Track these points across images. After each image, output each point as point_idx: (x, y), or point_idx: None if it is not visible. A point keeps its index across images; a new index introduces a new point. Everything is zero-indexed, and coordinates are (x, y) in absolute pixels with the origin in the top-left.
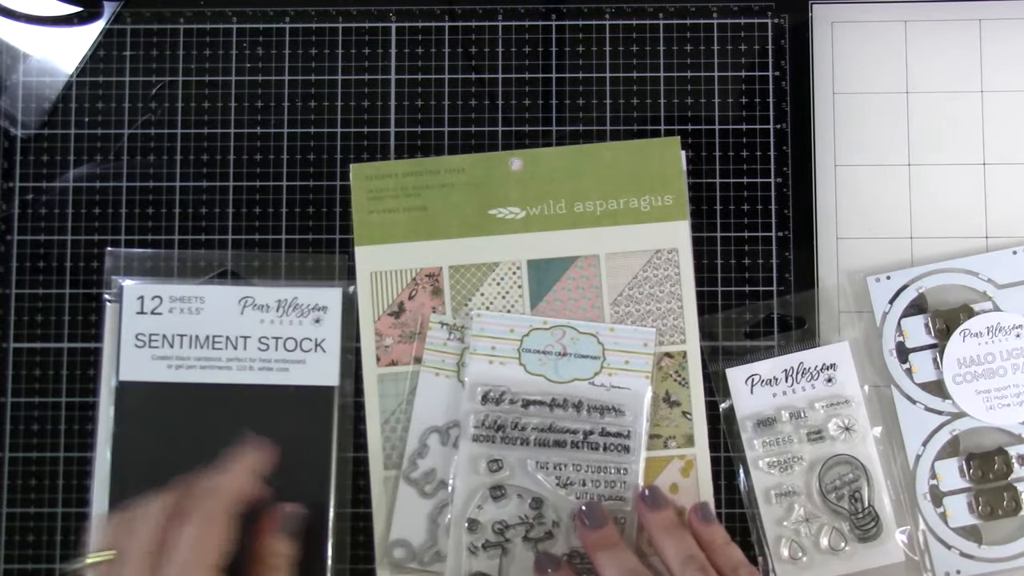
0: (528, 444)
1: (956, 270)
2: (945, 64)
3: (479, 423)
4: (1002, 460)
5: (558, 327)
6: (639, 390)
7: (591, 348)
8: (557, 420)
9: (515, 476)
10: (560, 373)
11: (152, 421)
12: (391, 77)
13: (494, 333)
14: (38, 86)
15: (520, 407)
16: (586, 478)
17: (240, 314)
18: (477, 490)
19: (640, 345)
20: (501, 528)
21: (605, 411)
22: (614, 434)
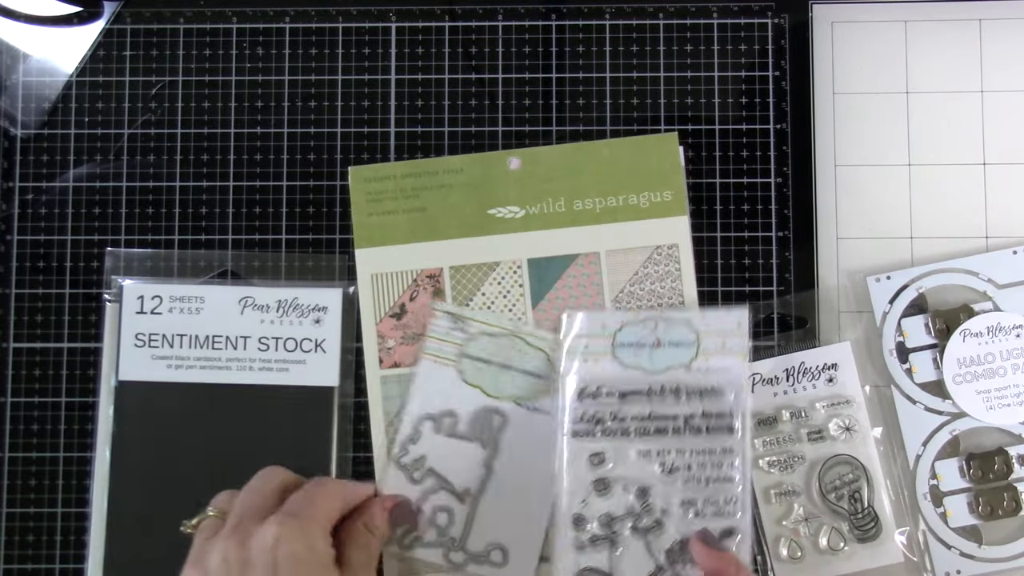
0: (629, 434)
1: (956, 270)
2: (945, 64)
3: (577, 418)
4: (1002, 460)
5: (650, 319)
6: (737, 370)
7: (684, 334)
8: (656, 407)
9: (618, 468)
10: (655, 363)
11: (152, 421)
12: (391, 77)
13: (587, 332)
14: (38, 86)
15: (617, 399)
16: (692, 462)
17: (240, 314)
18: (581, 486)
19: (734, 325)
20: (608, 521)
21: (704, 394)
22: (716, 415)
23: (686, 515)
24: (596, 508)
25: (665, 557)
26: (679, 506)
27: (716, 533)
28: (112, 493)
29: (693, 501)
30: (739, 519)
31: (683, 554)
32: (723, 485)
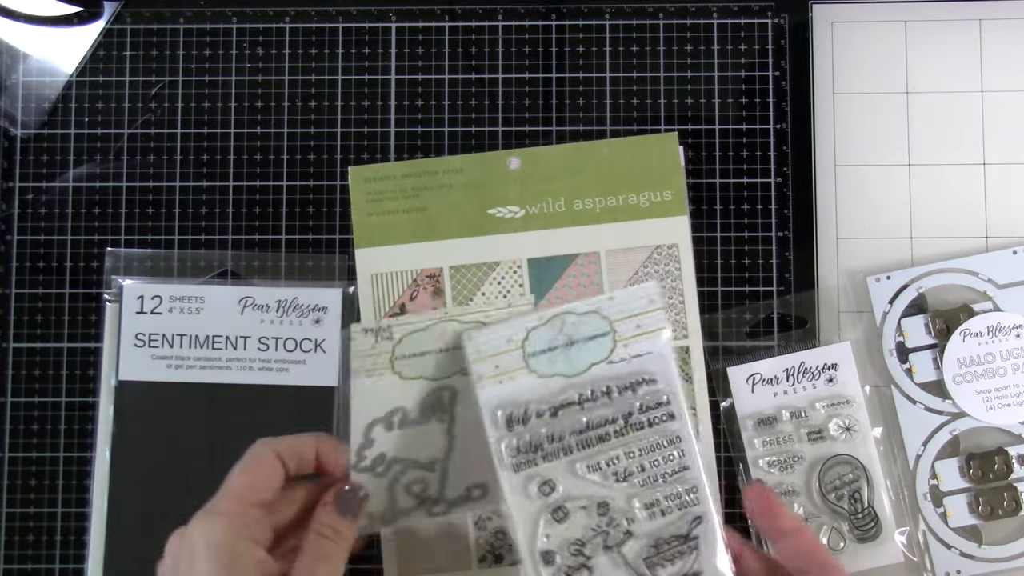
0: (571, 451)
1: (956, 270)
2: (945, 64)
3: (514, 450)
4: (1002, 460)
5: (555, 317)
6: (661, 350)
7: (597, 326)
8: (591, 415)
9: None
10: (575, 364)
11: (152, 421)
12: (391, 77)
13: (491, 350)
14: (38, 86)
15: (549, 417)
16: (643, 462)
17: (240, 314)
18: (537, 518)
19: (645, 303)
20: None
21: (636, 386)
22: (654, 405)
23: (652, 517)
24: (560, 538)
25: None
26: (643, 510)
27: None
28: (112, 493)
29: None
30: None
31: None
32: (681, 476)
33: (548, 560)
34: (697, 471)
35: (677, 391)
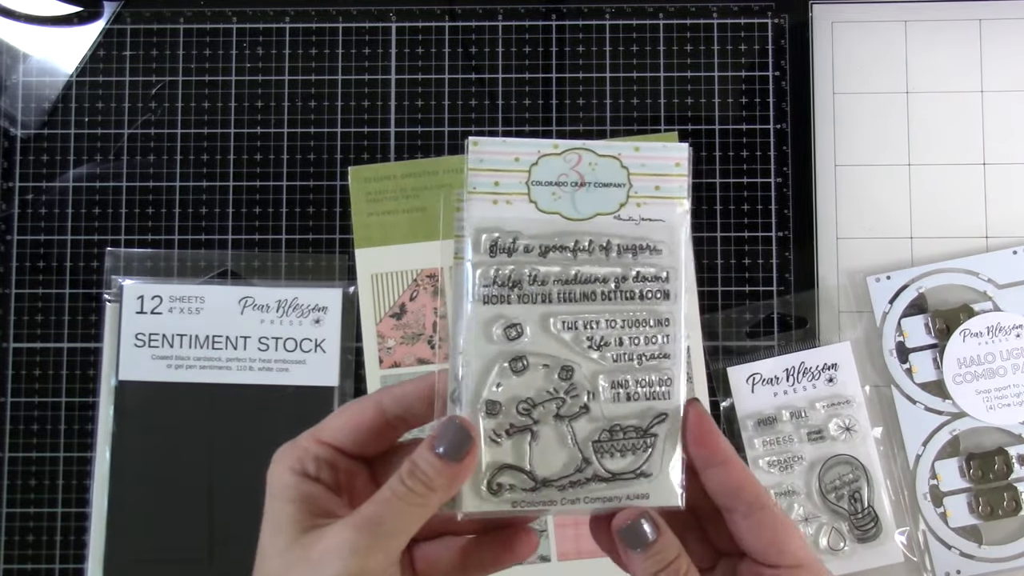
0: (551, 300)
1: (956, 270)
2: (945, 64)
3: (489, 280)
4: (1002, 460)
5: (572, 151)
6: (674, 221)
7: (613, 174)
8: (583, 267)
9: (538, 342)
10: (579, 208)
11: (152, 421)
12: (391, 77)
13: (496, 164)
14: (38, 86)
15: (537, 255)
16: (622, 335)
17: (240, 314)
18: (493, 364)
19: (671, 165)
20: (527, 408)
21: (638, 251)
22: (651, 278)
23: (615, 400)
24: (511, 392)
25: (591, 449)
26: (609, 388)
27: (649, 419)
28: (112, 493)
29: (624, 383)
30: (672, 401)
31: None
32: (658, 363)
33: (492, 411)
34: (677, 364)
35: (679, 271)
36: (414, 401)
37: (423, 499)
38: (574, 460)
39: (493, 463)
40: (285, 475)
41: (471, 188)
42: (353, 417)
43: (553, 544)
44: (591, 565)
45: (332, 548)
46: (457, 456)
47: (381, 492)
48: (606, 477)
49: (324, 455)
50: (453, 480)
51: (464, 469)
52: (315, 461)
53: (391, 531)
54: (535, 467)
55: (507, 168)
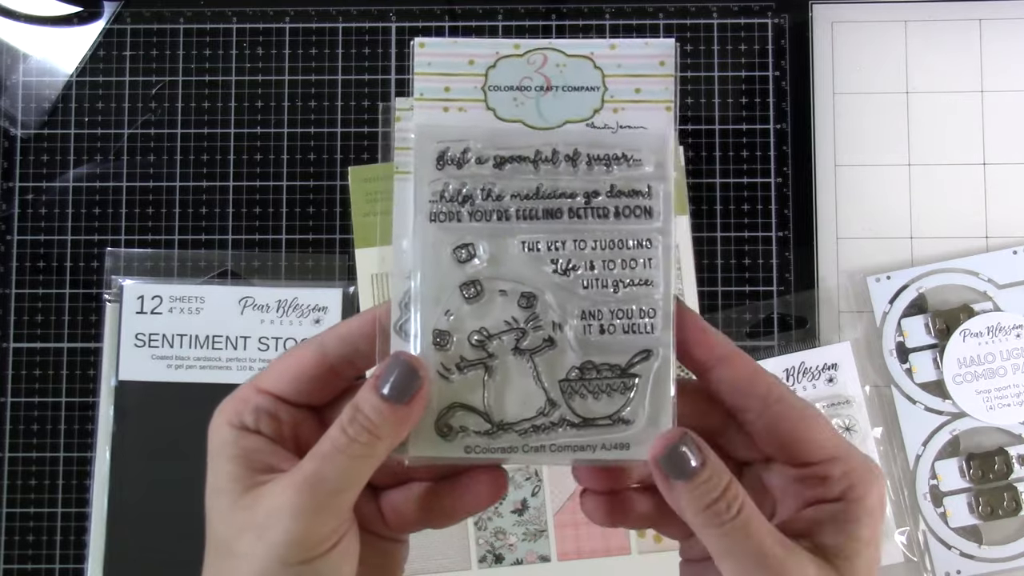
0: (508, 218)
1: (956, 270)
2: (945, 64)
3: (437, 195)
4: (1002, 460)
5: (536, 51)
6: (659, 128)
7: (585, 76)
8: (546, 180)
9: (494, 265)
10: (545, 115)
11: (152, 421)
12: (391, 77)
13: (447, 67)
14: (38, 86)
15: (492, 167)
16: (595, 259)
17: (240, 314)
18: (443, 291)
19: (655, 64)
20: (481, 340)
21: (613, 161)
22: (628, 192)
23: (587, 331)
24: (465, 322)
25: (558, 388)
26: (578, 319)
27: (628, 355)
28: (112, 493)
29: (597, 312)
30: (658, 335)
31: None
32: (638, 290)
33: (441, 343)
34: (663, 292)
35: (665, 185)
36: (359, 339)
37: (367, 448)
38: (537, 401)
39: (443, 401)
40: (223, 430)
41: (418, 95)
42: (293, 363)
43: (553, 544)
44: (591, 565)
45: (274, 510)
46: (403, 397)
47: (321, 444)
48: (575, 422)
49: (265, 405)
50: (400, 425)
51: (412, 412)
52: (254, 412)
53: (335, 487)
54: (492, 408)
55: (460, 72)
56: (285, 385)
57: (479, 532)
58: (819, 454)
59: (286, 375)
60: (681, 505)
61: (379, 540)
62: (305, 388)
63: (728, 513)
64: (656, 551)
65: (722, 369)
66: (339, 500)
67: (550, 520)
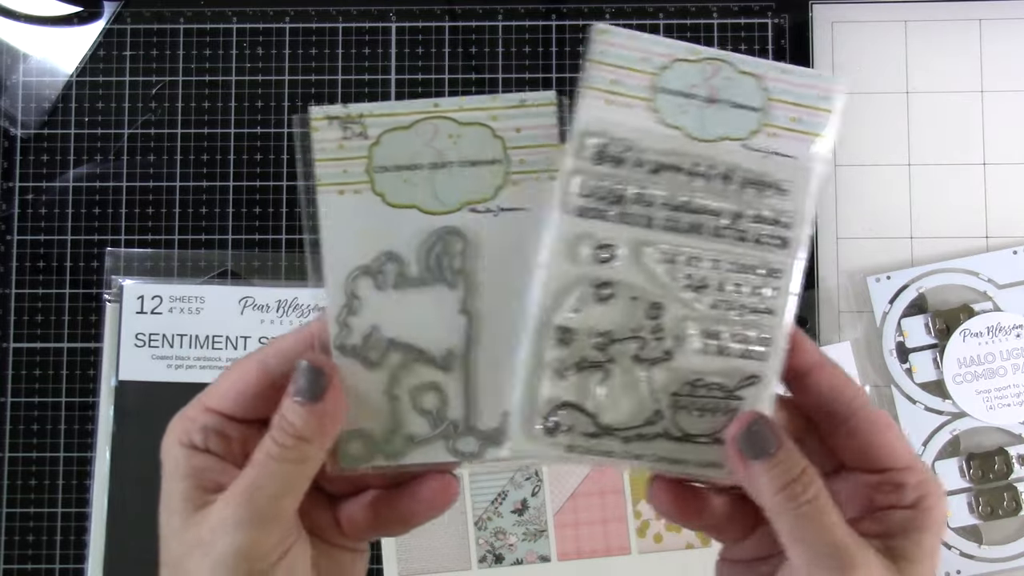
0: (653, 226)
1: (956, 270)
2: (945, 64)
3: (588, 190)
4: (1002, 460)
5: (709, 60)
6: (809, 162)
7: (751, 95)
8: (697, 194)
9: (630, 270)
10: (706, 128)
11: (152, 421)
12: (391, 77)
13: (621, 59)
14: (38, 86)
15: (648, 172)
16: (726, 280)
17: (240, 314)
18: (574, 286)
19: (817, 97)
20: (604, 343)
21: (763, 187)
22: (771, 221)
23: (705, 351)
24: (591, 321)
25: (668, 402)
26: (699, 336)
27: (737, 378)
28: (112, 493)
29: (717, 334)
30: (765, 365)
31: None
32: (760, 318)
33: (563, 340)
34: (780, 322)
35: (805, 220)
36: (297, 355)
37: (296, 452)
38: (645, 410)
39: (553, 398)
40: (174, 449)
41: (588, 82)
42: (237, 380)
43: (553, 544)
44: (591, 565)
45: (217, 525)
46: (315, 396)
47: (255, 455)
48: (677, 436)
49: (212, 424)
50: (322, 424)
51: (329, 409)
52: (202, 431)
53: (273, 495)
54: (600, 411)
55: (634, 67)
56: (230, 403)
57: (479, 532)
58: (897, 462)
59: (231, 392)
60: (758, 485)
61: (336, 550)
62: (251, 404)
63: (805, 495)
64: (656, 551)
65: (815, 376)
66: (279, 507)
67: (550, 520)
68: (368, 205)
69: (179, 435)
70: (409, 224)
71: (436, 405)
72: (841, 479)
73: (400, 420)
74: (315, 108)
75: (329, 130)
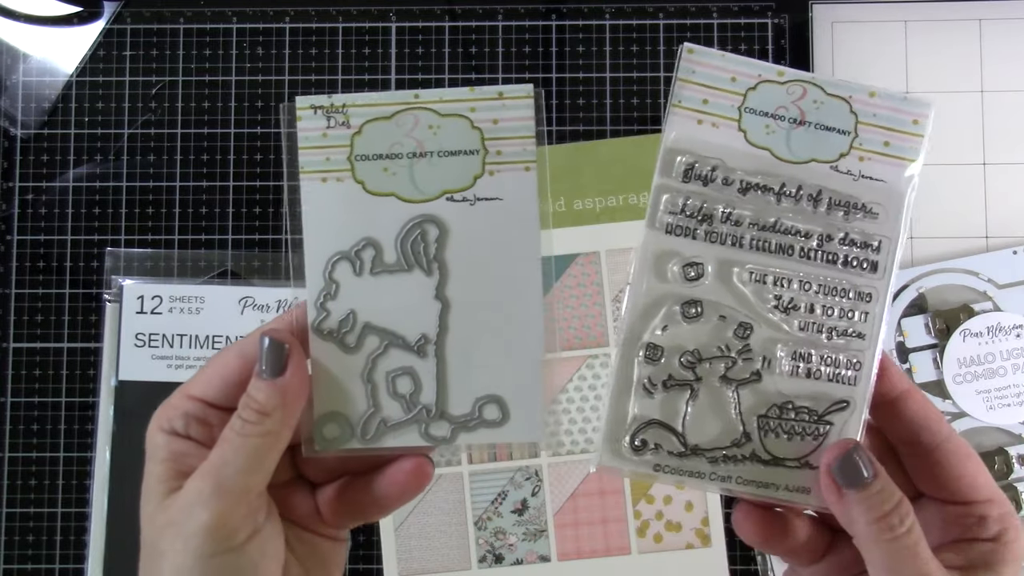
0: (742, 245)
1: (956, 270)
2: (945, 64)
3: (677, 207)
4: (1002, 460)
5: (797, 82)
6: (899, 186)
7: (840, 118)
8: (785, 215)
9: (718, 289)
10: (793, 149)
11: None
12: (391, 77)
13: (709, 79)
14: (38, 86)
15: (736, 191)
16: (816, 302)
17: (240, 314)
18: (662, 303)
19: (908, 122)
20: (692, 362)
21: (852, 210)
22: (860, 244)
23: (794, 373)
24: (679, 339)
25: (756, 423)
26: (789, 358)
27: (826, 402)
28: (112, 493)
29: (807, 356)
30: (858, 390)
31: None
32: (849, 341)
33: (652, 357)
34: (871, 346)
35: (895, 242)
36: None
37: (261, 427)
38: (733, 431)
39: (641, 416)
40: (155, 436)
41: (676, 101)
42: (219, 368)
43: (553, 544)
44: (591, 565)
45: (186, 503)
46: (276, 370)
47: (223, 433)
48: (766, 459)
49: (193, 411)
50: (285, 398)
51: (291, 383)
52: (184, 418)
53: (240, 469)
54: (688, 430)
55: (720, 87)
56: (213, 390)
57: (479, 532)
58: (980, 495)
59: (213, 380)
60: (852, 515)
61: (316, 538)
62: (232, 392)
63: (902, 527)
64: (656, 551)
65: (903, 403)
66: (246, 483)
67: (550, 520)
68: (349, 193)
69: (161, 422)
70: (388, 212)
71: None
72: (919, 507)
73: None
74: (300, 98)
75: (313, 119)
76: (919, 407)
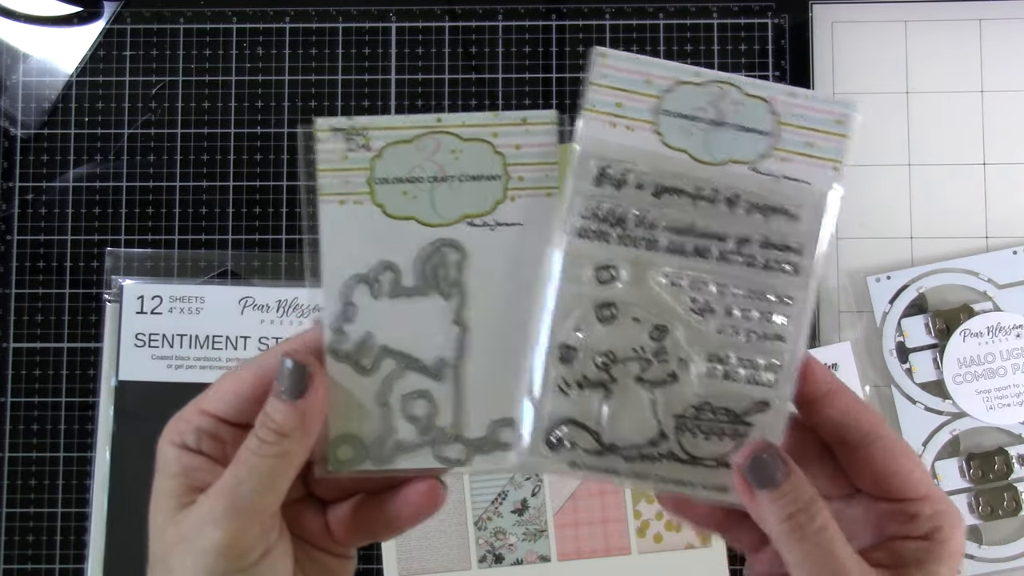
0: (657, 248)
1: (956, 270)
2: (945, 64)
3: (590, 212)
4: (1002, 460)
5: (715, 83)
6: (822, 187)
7: (760, 119)
8: (701, 218)
9: (633, 291)
10: (712, 151)
11: (152, 421)
12: (391, 77)
13: (623, 83)
14: (38, 86)
15: (651, 195)
16: (733, 305)
17: (240, 314)
18: (575, 305)
19: (831, 122)
20: (606, 363)
21: (771, 212)
22: (780, 247)
23: (711, 375)
24: (594, 340)
25: (673, 423)
26: (705, 360)
27: (746, 403)
28: (112, 493)
29: (725, 357)
30: (775, 393)
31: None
32: (768, 344)
33: (566, 357)
34: (791, 349)
35: (818, 246)
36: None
37: (277, 447)
38: (649, 431)
39: (555, 414)
40: (167, 449)
41: (589, 105)
42: (234, 384)
43: (553, 544)
44: (591, 565)
45: (198, 521)
46: (296, 393)
47: (239, 452)
48: (683, 458)
49: (206, 426)
50: (303, 420)
51: (310, 406)
52: (195, 432)
53: (254, 489)
54: (604, 429)
55: (635, 89)
56: (226, 406)
57: (479, 532)
58: (913, 492)
59: (227, 396)
60: (763, 515)
61: (325, 556)
62: (246, 408)
63: (811, 525)
64: (656, 551)
65: (828, 402)
66: (260, 503)
67: (550, 520)
68: (368, 216)
69: (172, 436)
70: (407, 235)
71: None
72: (856, 503)
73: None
74: (320, 120)
75: (333, 141)
76: (845, 405)
